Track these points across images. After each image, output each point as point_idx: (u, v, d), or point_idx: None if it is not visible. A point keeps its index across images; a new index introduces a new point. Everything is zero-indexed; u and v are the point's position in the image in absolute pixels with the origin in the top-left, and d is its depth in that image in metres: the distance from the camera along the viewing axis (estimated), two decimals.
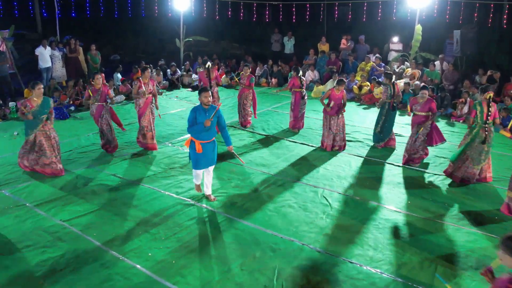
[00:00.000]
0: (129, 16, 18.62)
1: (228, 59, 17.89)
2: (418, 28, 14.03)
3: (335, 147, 9.14)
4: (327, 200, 6.89)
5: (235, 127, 10.74)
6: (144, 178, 7.63)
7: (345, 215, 6.44)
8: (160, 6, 18.63)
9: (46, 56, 13.38)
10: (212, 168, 6.61)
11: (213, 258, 5.30)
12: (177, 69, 15.73)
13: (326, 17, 18.26)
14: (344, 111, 9.07)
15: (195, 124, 6.15)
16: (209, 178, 6.68)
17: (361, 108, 12.94)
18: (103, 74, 13.70)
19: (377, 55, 14.92)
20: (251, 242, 5.65)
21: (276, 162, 8.49)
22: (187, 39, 17.30)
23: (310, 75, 15.33)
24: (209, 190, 6.76)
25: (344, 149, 9.22)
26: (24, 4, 16.46)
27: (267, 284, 4.86)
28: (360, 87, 13.71)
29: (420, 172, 8.13)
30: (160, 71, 15.06)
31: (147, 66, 9.48)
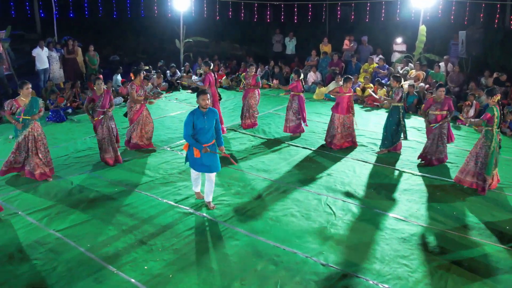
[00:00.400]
0: (128, 16, 18.36)
1: (229, 60, 17.65)
2: (422, 28, 13.77)
3: (345, 144, 9.24)
4: (330, 208, 6.63)
5: (235, 130, 10.49)
6: (142, 184, 7.38)
7: (350, 224, 6.18)
8: (159, 6, 18.38)
9: (44, 57, 13.14)
10: (213, 175, 6.36)
11: (212, 272, 5.05)
12: (177, 70, 15.49)
13: (328, 17, 18.00)
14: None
15: (192, 132, 6.02)
16: (211, 185, 6.42)
17: (364, 110, 12.68)
18: (101, 76, 13.49)
19: (381, 56, 14.66)
20: (252, 254, 5.39)
21: (277, 167, 8.23)
22: (187, 39, 17.05)
23: (312, 76, 15.08)
24: (210, 198, 6.50)
25: (356, 146, 9.34)
26: (21, 5, 16.20)
27: None
28: (363, 89, 13.45)
29: (427, 178, 7.86)
30: (160, 74, 14.81)
31: (140, 69, 9.19)
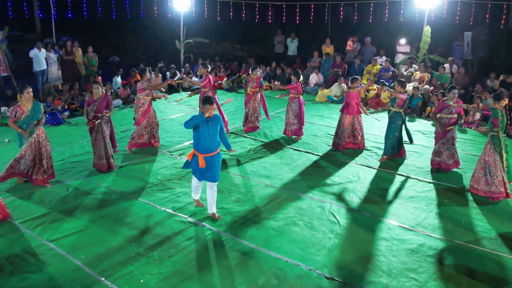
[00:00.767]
0: (128, 16, 18.13)
1: (229, 62, 17.41)
2: (427, 29, 13.53)
3: (349, 145, 9.15)
4: (335, 217, 6.38)
5: (236, 134, 10.25)
6: (139, 191, 7.14)
7: (355, 234, 5.94)
8: (159, 6, 18.15)
9: (41, 58, 12.91)
10: (215, 185, 6.12)
11: (211, 287, 4.81)
12: (177, 72, 15.24)
13: (330, 18, 17.76)
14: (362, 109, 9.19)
15: (196, 130, 5.82)
16: (213, 194, 6.17)
17: (368, 112, 12.34)
18: (99, 77, 13.28)
19: (385, 57, 14.41)
20: (253, 267, 5.15)
21: (280, 173, 7.99)
22: (188, 40, 16.82)
23: (314, 78, 14.83)
24: (213, 209, 6.23)
25: (364, 148, 9.19)
26: (20, 5, 15.98)
27: None
28: (366, 91, 13.20)
29: (433, 184, 7.61)
30: (158, 72, 14.56)
31: (145, 68, 9.04)
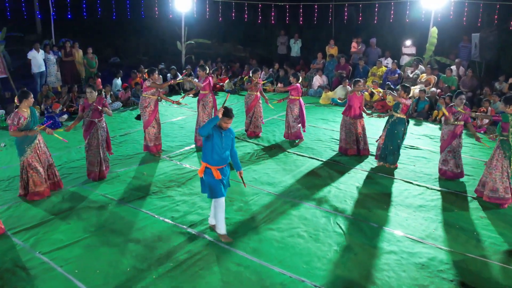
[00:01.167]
0: (128, 17, 17.89)
1: (231, 63, 17.14)
2: (434, 31, 13.24)
3: (350, 151, 8.86)
4: (340, 227, 6.11)
5: (238, 138, 9.97)
6: (137, 199, 6.88)
7: (362, 247, 5.66)
8: (160, 7, 17.88)
9: (40, 60, 12.68)
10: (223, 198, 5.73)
11: None
12: (178, 73, 14.97)
13: (334, 18, 17.47)
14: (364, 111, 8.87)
15: (208, 141, 5.29)
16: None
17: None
18: (99, 79, 13.04)
19: (390, 59, 14.12)
20: (256, 283, 4.88)
21: (283, 180, 7.72)
22: (189, 41, 16.57)
23: (318, 80, 14.55)
24: (215, 220, 5.94)
25: (368, 153, 8.88)
26: (21, 6, 15.76)
27: None
28: (371, 94, 12.90)
29: (442, 192, 7.33)
30: (158, 74, 14.28)
31: (154, 68, 8.84)
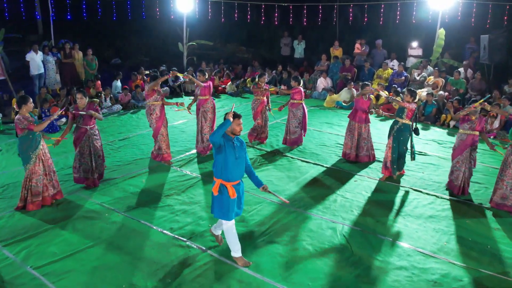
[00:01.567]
0: (129, 18, 17.63)
1: (234, 65, 16.86)
2: (441, 32, 12.94)
3: (363, 158, 8.55)
4: (347, 241, 5.81)
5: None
6: (135, 208, 6.60)
7: (371, 262, 5.36)
8: (161, 7, 17.61)
9: (38, 62, 12.42)
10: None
11: None
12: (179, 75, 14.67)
13: (339, 19, 17.17)
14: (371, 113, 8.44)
15: (220, 154, 4.82)
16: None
17: (379, 120, 11.80)
18: (99, 82, 12.79)
19: (396, 61, 13.82)
20: None
21: (287, 188, 7.43)
22: (191, 43, 16.30)
23: (322, 82, 14.25)
24: (219, 231, 5.61)
25: (374, 159, 8.59)
26: (17, 6, 15.53)
27: None
28: (377, 97, 12.59)
29: (453, 201, 7.02)
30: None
31: (157, 75, 8.53)
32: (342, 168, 8.33)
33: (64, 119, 10.94)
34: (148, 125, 8.47)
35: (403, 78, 13.05)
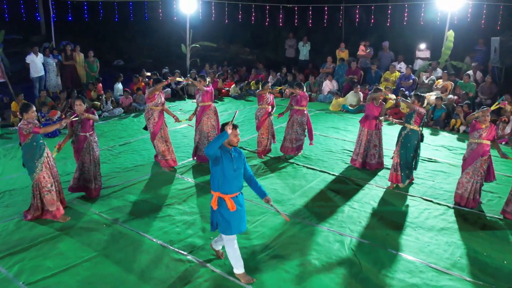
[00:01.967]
0: (131, 19, 17.42)
1: (238, 67, 16.60)
2: (450, 34, 12.64)
3: (371, 165, 8.26)
4: (355, 255, 5.54)
5: (244, 149, 9.43)
6: (134, 219, 6.35)
7: (381, 279, 5.08)
8: (164, 8, 17.38)
9: (38, 64, 12.22)
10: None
11: None
12: (182, 77, 14.44)
13: (344, 21, 16.87)
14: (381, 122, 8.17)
15: (217, 166, 4.59)
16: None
17: (386, 124, 11.49)
18: (100, 84, 12.57)
19: (403, 63, 13.52)
20: None
21: (292, 197, 7.16)
22: (194, 44, 16.05)
23: (328, 85, 13.96)
24: (220, 246, 5.37)
25: (383, 166, 8.28)
26: (17, 8, 15.35)
27: None
28: (384, 100, 12.28)
29: (466, 212, 6.73)
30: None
31: (160, 79, 8.30)
32: (349, 176, 8.05)
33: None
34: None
35: (411, 81, 12.74)
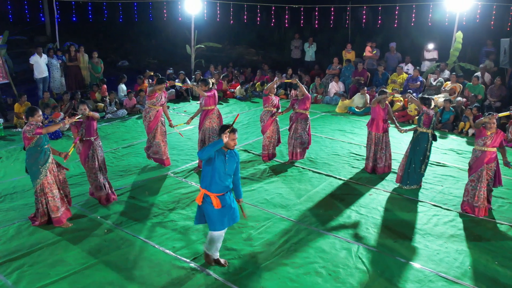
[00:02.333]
0: (135, 20, 17.34)
1: (243, 67, 16.45)
2: (459, 35, 12.42)
3: (379, 169, 8.12)
4: (363, 263, 5.38)
5: (249, 152, 9.29)
6: (136, 224, 6.22)
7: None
8: (169, 9, 17.29)
9: (42, 65, 12.12)
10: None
11: None
12: (186, 78, 14.32)
13: (351, 21, 16.68)
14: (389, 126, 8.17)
15: (209, 165, 4.72)
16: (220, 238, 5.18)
17: (393, 127, 11.23)
18: (104, 86, 12.48)
19: (411, 65, 13.31)
20: None
21: (297, 202, 7.00)
22: (199, 45, 15.93)
23: (334, 87, 13.77)
24: (216, 253, 5.24)
25: (390, 170, 8.14)
26: (21, 8, 15.31)
27: None
28: (391, 102, 12.09)
29: (476, 218, 6.54)
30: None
31: (163, 79, 8.22)
32: (356, 180, 7.88)
33: (67, 125, 10.60)
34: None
35: (419, 83, 12.52)
